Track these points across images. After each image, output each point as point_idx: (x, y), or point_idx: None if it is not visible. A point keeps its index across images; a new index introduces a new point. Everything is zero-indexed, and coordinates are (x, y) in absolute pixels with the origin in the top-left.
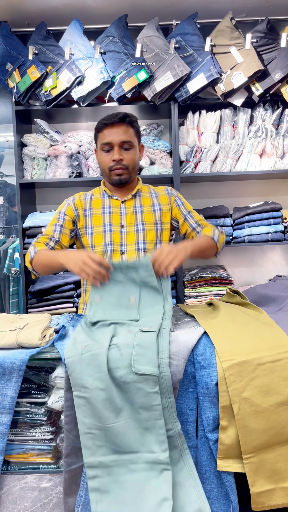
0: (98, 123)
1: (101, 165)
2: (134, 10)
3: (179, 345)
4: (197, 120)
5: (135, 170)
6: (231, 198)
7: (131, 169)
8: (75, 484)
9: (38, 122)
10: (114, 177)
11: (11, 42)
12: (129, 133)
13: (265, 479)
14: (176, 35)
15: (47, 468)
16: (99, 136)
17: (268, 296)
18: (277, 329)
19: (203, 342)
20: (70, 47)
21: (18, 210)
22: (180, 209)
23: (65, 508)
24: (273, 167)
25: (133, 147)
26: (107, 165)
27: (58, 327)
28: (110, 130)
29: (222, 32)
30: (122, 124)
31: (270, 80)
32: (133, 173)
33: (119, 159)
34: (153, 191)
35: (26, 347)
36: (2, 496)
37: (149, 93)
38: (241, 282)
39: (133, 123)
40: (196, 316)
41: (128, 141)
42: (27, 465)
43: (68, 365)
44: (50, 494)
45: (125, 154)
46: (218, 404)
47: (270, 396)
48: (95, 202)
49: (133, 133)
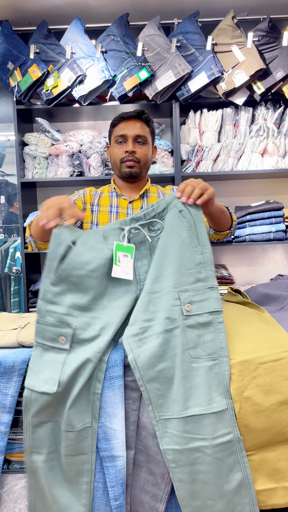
0: (114, 118)
1: (113, 157)
2: (136, 9)
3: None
4: (199, 119)
5: (146, 166)
6: (232, 197)
7: (142, 164)
8: None
9: (39, 121)
10: (125, 169)
11: (12, 41)
12: (144, 129)
13: (266, 478)
14: (178, 34)
15: None
16: (114, 130)
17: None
18: (278, 328)
19: None
20: (72, 46)
21: (20, 209)
22: None
23: None
24: (274, 166)
25: (147, 143)
26: (119, 157)
27: None
28: (126, 124)
29: (224, 30)
30: (138, 120)
31: (271, 79)
32: (144, 169)
33: (132, 150)
34: (161, 192)
35: (27, 346)
36: (3, 495)
37: (150, 92)
38: (243, 282)
39: (149, 121)
40: None
41: (143, 135)
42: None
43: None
44: None
45: (138, 148)
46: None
47: (271, 395)
48: (103, 200)
49: (148, 131)
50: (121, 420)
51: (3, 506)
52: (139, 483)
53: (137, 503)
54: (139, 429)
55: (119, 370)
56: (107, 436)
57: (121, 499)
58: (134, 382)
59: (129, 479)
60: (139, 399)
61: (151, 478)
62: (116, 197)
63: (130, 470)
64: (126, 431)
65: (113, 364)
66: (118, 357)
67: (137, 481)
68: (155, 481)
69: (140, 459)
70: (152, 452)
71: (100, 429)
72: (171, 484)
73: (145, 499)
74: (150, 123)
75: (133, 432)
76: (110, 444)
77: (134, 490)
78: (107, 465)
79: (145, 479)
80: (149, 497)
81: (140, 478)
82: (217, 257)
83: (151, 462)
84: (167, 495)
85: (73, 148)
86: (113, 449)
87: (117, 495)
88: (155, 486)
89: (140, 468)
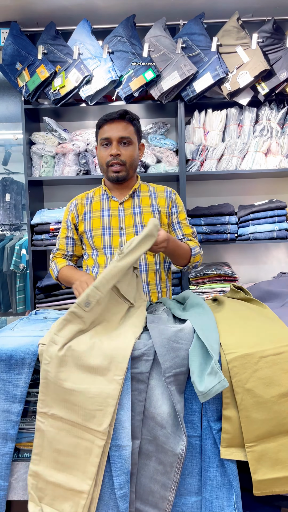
0: (99, 120)
1: (100, 160)
2: (142, 10)
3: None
4: (203, 119)
5: (133, 167)
6: (236, 196)
7: (128, 165)
8: None
9: (47, 120)
10: (112, 174)
11: (20, 41)
12: (129, 129)
13: (268, 468)
14: (183, 35)
15: None
16: (99, 132)
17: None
18: (280, 324)
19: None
20: (79, 47)
21: (27, 207)
22: (172, 217)
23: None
24: (278, 166)
25: (131, 144)
26: (105, 160)
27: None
28: (110, 126)
29: (229, 32)
30: (122, 121)
31: (275, 79)
32: (131, 170)
33: (116, 153)
34: (153, 190)
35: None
36: (13, 483)
37: (156, 92)
38: (246, 279)
39: (133, 120)
40: None
41: (127, 137)
42: None
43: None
44: None
45: (123, 149)
46: (222, 395)
47: (272, 388)
48: (94, 205)
49: (133, 131)
50: (127, 411)
51: (12, 493)
52: (148, 473)
53: (147, 492)
54: (147, 419)
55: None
56: (114, 426)
57: (125, 488)
58: (141, 374)
59: (134, 468)
60: (145, 391)
61: (160, 467)
62: (107, 200)
63: (135, 460)
64: (132, 422)
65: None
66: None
67: (146, 470)
68: (164, 470)
69: (149, 449)
70: (161, 442)
71: None
72: (179, 473)
73: (155, 488)
74: (135, 122)
75: (139, 422)
76: (116, 434)
77: (144, 479)
78: (112, 454)
79: (155, 469)
80: (158, 486)
81: (150, 468)
82: (220, 255)
83: (160, 452)
84: (176, 484)
85: (80, 147)
86: (119, 439)
87: (122, 484)
88: (164, 475)
89: (149, 458)
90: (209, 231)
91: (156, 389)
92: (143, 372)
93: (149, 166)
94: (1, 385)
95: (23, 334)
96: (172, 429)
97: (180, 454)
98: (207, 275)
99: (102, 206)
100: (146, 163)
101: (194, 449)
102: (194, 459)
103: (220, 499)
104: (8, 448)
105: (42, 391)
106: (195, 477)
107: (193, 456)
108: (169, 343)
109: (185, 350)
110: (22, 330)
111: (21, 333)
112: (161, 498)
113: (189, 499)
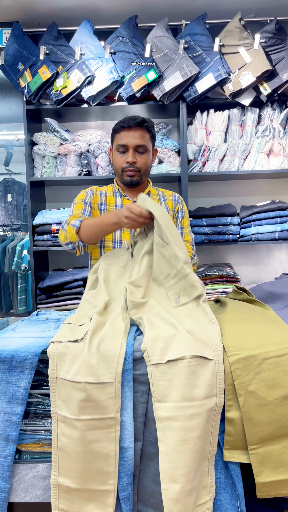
0: (116, 124)
1: (115, 165)
2: (144, 11)
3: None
4: (205, 119)
5: (146, 173)
6: (238, 197)
7: (143, 172)
8: None
9: (49, 121)
10: (126, 177)
11: (22, 42)
12: (145, 138)
13: (271, 471)
14: (185, 35)
15: None
16: (116, 137)
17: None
18: (283, 325)
19: None
20: (81, 47)
21: (28, 207)
22: (176, 222)
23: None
24: (280, 167)
25: (147, 151)
26: (120, 166)
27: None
28: (127, 133)
29: (231, 32)
30: (139, 129)
31: (278, 80)
32: (144, 176)
33: (133, 161)
34: (162, 194)
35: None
36: (15, 484)
37: (158, 93)
38: (248, 280)
39: (150, 128)
40: None
41: (143, 145)
42: (38, 454)
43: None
44: None
45: (139, 157)
46: (225, 397)
47: (275, 390)
48: (108, 199)
49: (149, 138)
50: (130, 413)
51: (14, 495)
52: (150, 474)
53: (149, 494)
54: (149, 421)
55: (128, 364)
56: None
57: (128, 489)
58: (143, 376)
59: (136, 470)
60: (147, 392)
61: None
62: (120, 197)
63: (137, 462)
64: (134, 423)
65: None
66: (128, 351)
67: (148, 472)
68: None
69: (151, 451)
70: None
71: None
72: None
73: (157, 489)
74: (151, 129)
75: (141, 424)
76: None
77: (146, 481)
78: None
79: (157, 470)
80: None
81: (151, 470)
82: (222, 256)
83: None
84: None
85: (82, 148)
86: (122, 441)
87: (125, 486)
88: None
89: (151, 460)
90: (211, 232)
91: None
92: (145, 374)
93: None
94: (3, 386)
95: (24, 335)
96: None
97: None
98: (209, 276)
99: (115, 201)
100: None
101: None
102: None
103: (223, 501)
104: (9, 450)
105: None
106: None
107: None
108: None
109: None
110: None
111: (22, 334)
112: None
113: None
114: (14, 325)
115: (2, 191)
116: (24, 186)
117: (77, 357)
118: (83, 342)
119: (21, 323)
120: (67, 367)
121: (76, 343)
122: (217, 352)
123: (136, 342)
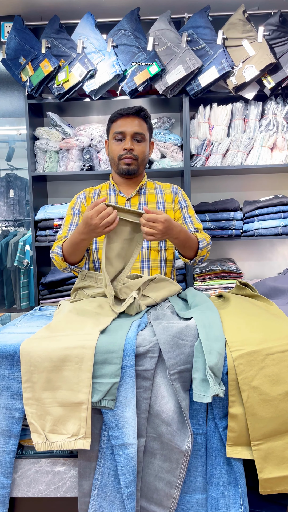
0: (113, 114)
1: (111, 153)
2: (147, 3)
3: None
4: (208, 113)
5: (143, 163)
6: (241, 191)
7: (140, 161)
8: (89, 467)
9: (50, 115)
10: (123, 166)
11: (24, 35)
12: (143, 126)
13: (274, 467)
14: (188, 28)
15: (61, 453)
16: (112, 126)
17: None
18: (286, 320)
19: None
20: (83, 41)
21: (30, 202)
22: (182, 211)
23: (79, 490)
24: (283, 161)
25: (144, 140)
26: (117, 154)
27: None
28: (125, 121)
29: (234, 25)
30: (137, 117)
31: (282, 73)
32: (141, 166)
33: (130, 148)
34: (159, 187)
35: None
36: (17, 479)
37: (160, 87)
38: (251, 276)
39: (147, 118)
40: None
41: (141, 133)
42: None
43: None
44: (64, 478)
45: (136, 145)
46: (228, 393)
47: (278, 385)
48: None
49: (146, 128)
50: (133, 409)
51: (16, 490)
52: (153, 471)
53: (152, 490)
54: (152, 417)
55: (131, 359)
56: (119, 424)
57: (132, 486)
58: (146, 372)
59: (140, 466)
60: (150, 388)
61: (165, 465)
62: (114, 195)
63: (141, 458)
64: (138, 419)
65: (125, 354)
66: (130, 346)
67: (151, 468)
68: (169, 468)
69: (154, 447)
70: (166, 439)
71: (112, 417)
72: (185, 470)
73: (160, 486)
74: (148, 119)
75: (144, 420)
76: (121, 432)
77: (149, 477)
78: (118, 453)
79: (160, 467)
80: (163, 484)
81: (155, 466)
82: (225, 251)
83: (165, 449)
84: (181, 481)
85: (84, 142)
86: (125, 437)
87: (128, 483)
88: (169, 473)
89: (154, 456)
90: (214, 227)
91: (161, 386)
92: (148, 370)
93: (154, 161)
94: (4, 382)
95: (26, 330)
96: (178, 427)
97: (186, 451)
98: (212, 271)
99: (109, 200)
100: (151, 158)
101: (199, 446)
102: (200, 457)
103: (226, 497)
104: (11, 446)
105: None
106: (200, 475)
107: (199, 453)
108: (174, 340)
109: (190, 347)
110: (26, 326)
111: (24, 329)
112: (166, 496)
113: (194, 497)
114: (16, 321)
115: (4, 186)
116: (26, 181)
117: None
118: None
119: (23, 319)
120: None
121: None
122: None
123: (139, 338)
